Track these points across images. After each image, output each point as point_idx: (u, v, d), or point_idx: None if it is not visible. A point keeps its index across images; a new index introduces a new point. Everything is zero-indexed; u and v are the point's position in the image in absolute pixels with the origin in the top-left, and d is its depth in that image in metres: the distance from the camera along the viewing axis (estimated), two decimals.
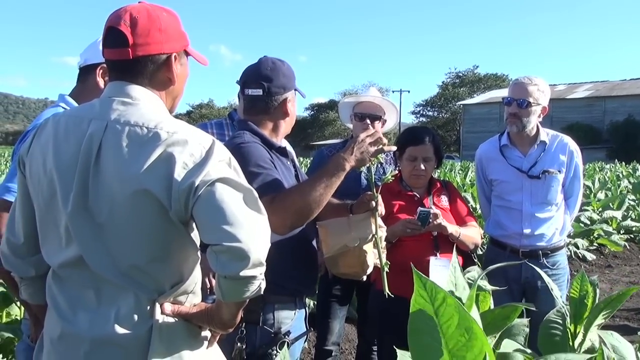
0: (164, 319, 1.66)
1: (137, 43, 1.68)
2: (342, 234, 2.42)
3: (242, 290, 1.57)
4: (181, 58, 1.80)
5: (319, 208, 2.23)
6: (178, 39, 1.77)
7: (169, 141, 1.57)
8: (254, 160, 2.28)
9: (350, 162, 2.28)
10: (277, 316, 2.36)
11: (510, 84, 3.72)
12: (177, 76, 1.77)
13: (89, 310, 1.66)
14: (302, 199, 2.19)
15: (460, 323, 1.43)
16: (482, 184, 3.92)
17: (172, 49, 1.74)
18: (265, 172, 2.26)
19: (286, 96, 2.48)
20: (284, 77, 2.48)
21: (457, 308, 1.44)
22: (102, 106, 1.69)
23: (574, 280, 2.29)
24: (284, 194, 2.19)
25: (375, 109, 3.83)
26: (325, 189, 2.22)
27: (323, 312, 3.93)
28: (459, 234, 3.19)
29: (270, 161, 2.35)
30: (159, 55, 1.72)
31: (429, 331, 1.46)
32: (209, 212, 1.54)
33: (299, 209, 2.18)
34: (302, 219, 2.23)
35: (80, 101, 2.41)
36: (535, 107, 3.54)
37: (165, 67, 1.74)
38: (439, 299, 1.45)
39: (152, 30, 1.69)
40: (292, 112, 2.54)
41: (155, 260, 1.65)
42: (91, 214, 1.61)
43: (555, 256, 3.67)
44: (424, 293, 1.47)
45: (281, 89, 2.46)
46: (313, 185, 2.22)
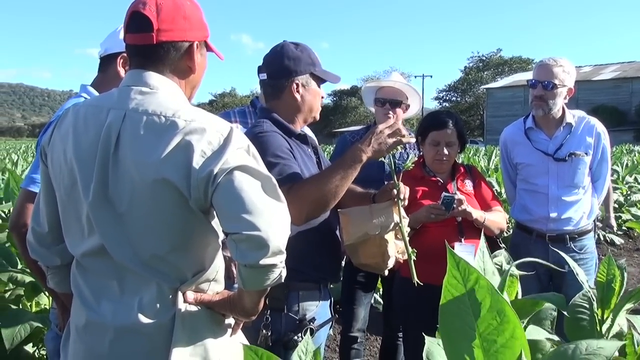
0: (186, 307, 1.67)
1: (162, 28, 1.67)
2: (363, 222, 2.38)
3: (263, 279, 1.56)
4: (202, 48, 1.79)
5: (335, 199, 2.22)
6: (200, 28, 1.76)
7: (187, 129, 1.56)
8: (272, 150, 2.26)
9: (367, 153, 2.26)
10: (301, 303, 2.36)
11: (535, 66, 3.66)
12: (197, 65, 1.77)
13: (112, 299, 1.67)
14: (318, 190, 2.18)
15: (493, 305, 1.40)
16: (507, 167, 3.88)
17: (194, 38, 1.73)
18: (283, 162, 2.25)
19: (292, 80, 2.42)
20: (289, 60, 2.41)
21: (489, 290, 1.41)
22: (121, 95, 1.68)
23: (600, 264, 2.25)
24: (300, 185, 2.18)
25: (397, 94, 3.79)
26: (342, 180, 2.20)
27: (348, 299, 3.92)
28: (484, 219, 3.14)
29: (289, 150, 2.33)
30: (182, 42, 1.71)
31: (461, 314, 1.43)
32: (228, 201, 1.53)
33: (315, 200, 2.18)
34: (318, 210, 2.23)
35: (102, 91, 2.41)
36: (561, 88, 3.49)
37: (187, 55, 1.73)
38: (471, 280, 1.42)
39: (176, 17, 1.69)
40: (305, 98, 2.46)
41: (176, 249, 1.64)
42: (112, 203, 1.62)
43: (582, 240, 3.61)
44: (457, 273, 1.44)
45: (285, 72, 2.42)
46: (329, 177, 2.21)
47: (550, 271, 3.60)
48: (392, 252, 2.40)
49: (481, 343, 1.44)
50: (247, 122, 3.45)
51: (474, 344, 1.44)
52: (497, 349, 1.43)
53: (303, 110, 2.49)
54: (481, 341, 1.44)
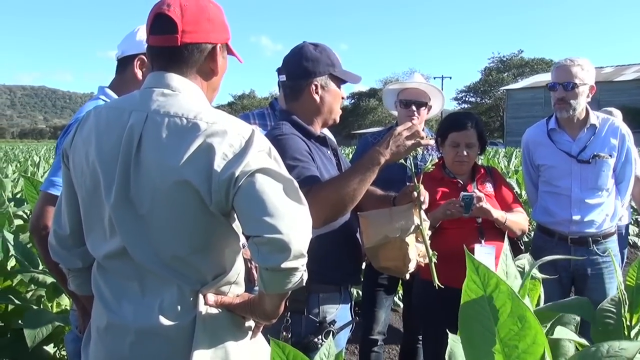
0: (207, 309, 1.66)
1: (186, 30, 1.67)
2: (383, 225, 2.37)
3: (284, 282, 1.55)
4: (224, 51, 1.79)
5: (353, 202, 2.22)
6: (222, 30, 1.77)
7: (209, 132, 1.56)
8: (291, 152, 2.25)
9: (386, 155, 2.24)
10: (322, 306, 2.35)
11: (553, 68, 3.62)
12: (219, 68, 1.77)
13: (133, 301, 1.67)
14: (336, 193, 2.17)
15: (513, 310, 1.38)
16: (529, 169, 3.84)
17: (217, 40, 1.74)
18: (302, 165, 2.24)
19: (312, 81, 2.41)
20: (307, 61, 2.41)
21: (510, 295, 1.39)
22: (143, 97, 1.69)
23: (630, 268, 2.21)
24: (318, 188, 2.17)
25: (421, 95, 3.78)
26: (360, 184, 2.20)
27: (369, 302, 3.91)
28: (505, 219, 3.10)
29: (308, 153, 2.32)
30: (206, 44, 1.72)
31: (481, 319, 1.42)
32: (249, 204, 1.52)
33: (333, 203, 2.17)
34: (336, 213, 2.22)
35: (120, 93, 2.43)
36: (582, 87, 3.45)
37: (210, 57, 1.74)
38: (491, 285, 1.40)
39: (201, 18, 1.69)
40: (325, 99, 2.45)
41: (196, 251, 1.64)
42: (133, 205, 1.62)
43: (605, 243, 3.56)
44: (476, 278, 1.42)
45: (304, 73, 2.41)
46: (347, 180, 2.20)
47: (573, 275, 3.58)
48: (413, 255, 2.38)
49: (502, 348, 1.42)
50: (266, 125, 3.45)
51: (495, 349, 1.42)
52: (518, 355, 1.41)
53: (322, 111, 2.47)
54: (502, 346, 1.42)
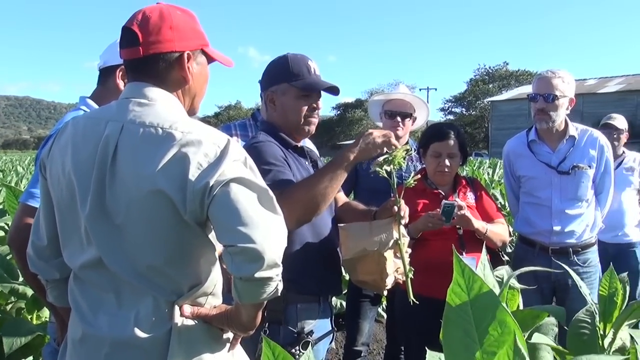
0: (183, 321, 1.65)
1: (148, 41, 1.67)
2: (362, 238, 2.37)
3: (259, 292, 1.55)
4: (197, 57, 1.78)
5: (326, 201, 2.22)
6: (193, 37, 1.75)
7: (183, 141, 1.56)
8: (265, 157, 2.27)
9: (354, 152, 2.26)
10: (300, 316, 2.34)
11: (534, 79, 3.67)
12: (192, 75, 1.76)
13: (109, 312, 1.66)
14: (307, 193, 2.18)
15: (494, 315, 1.39)
16: (510, 180, 3.87)
17: (185, 47, 1.72)
18: (276, 169, 2.26)
19: (271, 92, 2.46)
20: (268, 73, 2.49)
21: (492, 299, 1.40)
22: (119, 107, 1.69)
23: (603, 278, 2.23)
24: (291, 189, 2.18)
25: (406, 106, 3.81)
26: (331, 181, 2.20)
27: (353, 312, 3.91)
28: (486, 229, 3.12)
29: (284, 159, 2.33)
30: (170, 53, 1.70)
31: (462, 323, 1.42)
32: (224, 213, 1.52)
33: (305, 202, 2.17)
34: (309, 212, 2.21)
35: (101, 103, 2.42)
36: (562, 99, 3.49)
37: (178, 65, 1.73)
38: (475, 288, 1.41)
39: (163, 28, 1.68)
40: (286, 109, 2.45)
41: (171, 261, 1.63)
42: (109, 215, 1.61)
43: (586, 253, 3.60)
44: (462, 281, 1.43)
45: (267, 85, 2.48)
46: (318, 178, 2.22)
47: (554, 285, 3.60)
48: (391, 270, 2.37)
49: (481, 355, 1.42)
50: (247, 135, 3.45)
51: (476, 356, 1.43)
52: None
53: (287, 120, 2.47)
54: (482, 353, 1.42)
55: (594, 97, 50.85)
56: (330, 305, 2.54)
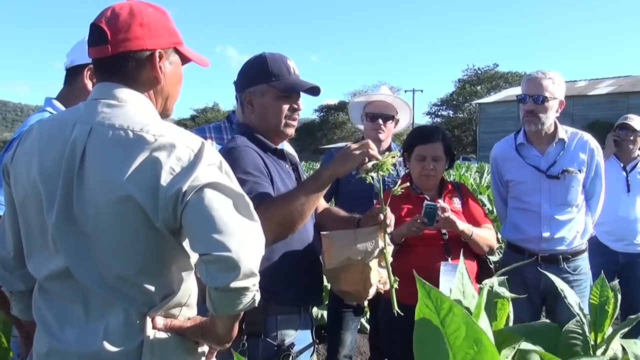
0: (155, 334, 1.64)
1: (117, 39, 1.66)
2: (346, 247, 2.35)
3: (235, 303, 1.54)
4: (170, 56, 1.77)
5: (303, 219, 2.21)
6: (164, 35, 1.74)
7: (155, 145, 1.55)
8: (243, 166, 2.25)
9: (331, 168, 2.24)
10: (280, 327, 2.33)
11: (523, 80, 3.69)
12: (164, 75, 1.74)
13: (76, 325, 1.64)
14: (283, 210, 2.16)
15: (469, 334, 1.40)
16: (498, 185, 3.89)
17: (156, 45, 1.71)
18: (253, 179, 2.23)
19: (248, 94, 2.44)
20: (244, 73, 2.48)
21: (464, 318, 1.40)
22: (87, 109, 1.67)
23: (593, 286, 2.25)
24: (266, 205, 2.15)
25: (387, 108, 3.82)
26: (308, 198, 2.19)
27: (335, 324, 3.90)
28: (472, 232, 3.12)
29: (264, 167, 2.32)
30: (140, 51, 1.69)
31: (436, 342, 1.43)
32: (197, 220, 1.51)
33: (281, 220, 2.16)
34: (284, 230, 2.20)
35: (68, 105, 2.39)
36: (552, 101, 3.51)
37: (149, 64, 1.71)
38: (444, 309, 1.42)
39: (133, 25, 1.67)
40: (263, 112, 2.44)
41: (143, 271, 1.62)
42: (76, 223, 1.59)
43: (576, 260, 3.62)
44: (429, 302, 1.43)
45: (243, 86, 2.47)
46: (294, 196, 2.20)
47: (544, 294, 3.61)
48: (375, 280, 2.37)
49: None
50: (222, 138, 3.44)
51: None
52: None
53: (266, 122, 2.46)
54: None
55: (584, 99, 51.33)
56: (311, 316, 2.53)
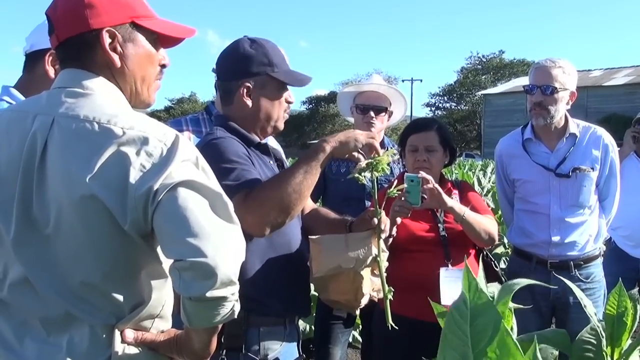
0: (124, 348, 1.64)
1: (60, 26, 1.66)
2: (337, 253, 2.35)
3: (211, 314, 1.54)
4: (128, 34, 1.71)
5: (301, 199, 2.20)
6: (116, 10, 1.68)
7: (124, 139, 1.54)
8: (227, 155, 2.25)
9: (331, 143, 2.25)
10: (263, 341, 2.33)
11: (531, 69, 3.70)
12: (122, 56, 1.70)
13: (37, 339, 1.63)
14: (279, 190, 2.15)
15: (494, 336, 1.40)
16: (503, 184, 3.89)
17: (102, 24, 1.66)
18: (240, 167, 2.23)
19: (242, 83, 2.41)
20: (238, 60, 2.43)
21: (494, 318, 1.40)
22: (50, 99, 1.66)
23: (610, 295, 2.25)
24: (259, 188, 2.16)
25: (380, 99, 3.81)
26: (305, 175, 2.18)
27: (322, 337, 3.89)
28: (464, 212, 3.05)
29: (247, 157, 2.32)
30: (87, 33, 1.66)
31: (460, 345, 1.43)
32: (170, 222, 1.50)
33: (278, 201, 2.14)
34: (282, 213, 2.17)
35: (28, 93, 2.38)
36: (562, 92, 3.51)
37: (99, 46, 1.67)
38: (478, 306, 1.42)
39: (76, 7, 1.65)
40: (260, 104, 2.44)
41: (109, 278, 1.61)
42: (36, 225, 1.58)
43: (589, 267, 3.62)
44: (468, 296, 1.43)
45: (235, 75, 2.43)
46: (290, 173, 2.20)
47: (553, 304, 3.61)
48: (367, 289, 2.37)
49: None
50: (201, 131, 3.44)
51: None
52: None
53: (258, 118, 2.46)
54: None
55: (599, 90, 51.36)
56: (297, 328, 2.54)
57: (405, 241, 3.07)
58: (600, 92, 51.30)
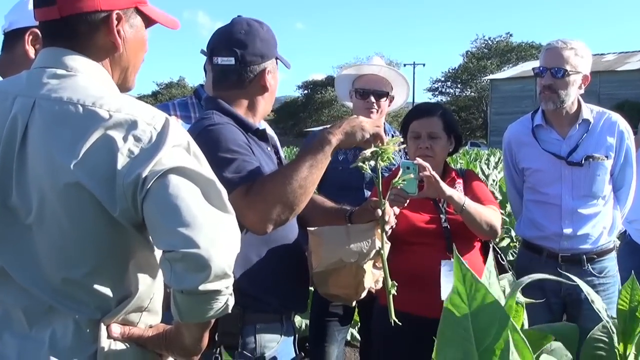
0: (110, 344, 1.63)
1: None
2: (338, 246, 2.34)
3: (204, 309, 1.54)
4: (130, 18, 1.75)
5: (306, 194, 2.20)
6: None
7: (110, 122, 1.54)
8: (226, 143, 2.24)
9: (337, 134, 2.25)
10: (259, 339, 2.33)
11: (542, 50, 3.69)
12: (124, 40, 1.73)
13: (17, 334, 1.64)
14: (283, 185, 2.14)
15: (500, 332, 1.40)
16: (512, 174, 3.89)
17: (113, 5, 1.69)
18: (241, 157, 2.22)
19: (265, 66, 2.44)
20: (261, 42, 2.44)
21: (497, 312, 1.40)
22: (30, 79, 1.66)
23: (622, 289, 2.25)
24: (261, 182, 2.16)
25: (381, 83, 3.80)
26: (311, 169, 2.18)
27: (318, 335, 3.89)
28: (463, 202, 3.02)
29: (247, 145, 2.32)
30: (94, 13, 1.66)
31: (461, 342, 1.42)
32: (160, 211, 1.50)
33: (282, 197, 2.13)
34: (286, 210, 2.16)
35: (6, 74, 2.37)
36: (574, 76, 3.50)
37: (105, 28, 1.69)
38: (477, 298, 1.41)
39: None
40: (272, 86, 2.50)
41: (95, 271, 1.61)
42: (15, 214, 1.59)
43: (602, 261, 3.62)
44: (462, 289, 1.42)
45: (258, 57, 2.42)
46: (295, 167, 2.19)
47: (564, 300, 3.62)
48: (369, 283, 2.38)
49: None
50: (189, 117, 3.44)
51: None
52: None
53: (269, 101, 2.53)
54: None
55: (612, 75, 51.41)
56: (294, 325, 2.54)
57: (405, 233, 3.05)
58: (614, 77, 51.34)
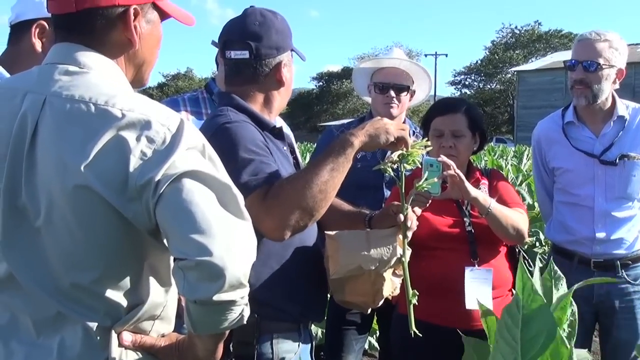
0: (121, 353, 1.65)
1: None
2: (357, 252, 2.33)
3: (218, 320, 1.55)
4: (147, 13, 1.76)
5: (327, 200, 2.18)
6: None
7: (123, 122, 1.55)
8: (244, 143, 2.23)
9: (360, 137, 2.24)
10: (276, 349, 2.34)
11: (575, 42, 3.67)
12: (140, 36, 1.74)
13: (25, 341, 1.65)
14: (303, 190, 2.12)
15: (546, 344, 1.41)
16: (542, 174, 3.88)
17: (129, 0, 1.70)
18: (259, 158, 2.22)
19: (280, 59, 2.45)
20: (277, 33, 2.43)
21: (548, 323, 1.41)
22: (41, 75, 1.67)
23: None
24: (280, 185, 2.14)
25: (401, 76, 3.79)
26: (332, 173, 2.16)
27: (334, 344, 3.90)
28: (489, 204, 2.98)
29: (265, 145, 2.31)
30: (111, 7, 1.68)
31: (509, 352, 1.44)
32: (173, 217, 1.51)
33: (301, 202, 2.11)
34: (305, 216, 2.15)
35: (13, 69, 2.41)
36: (608, 70, 3.48)
37: (122, 24, 1.71)
38: (532, 308, 1.43)
39: None
40: (288, 80, 2.50)
41: (105, 277, 1.62)
42: (24, 216, 1.60)
43: (637, 267, 3.60)
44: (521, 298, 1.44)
45: (274, 49, 2.43)
46: (315, 171, 2.17)
47: (596, 309, 3.59)
48: (388, 291, 2.37)
49: None
50: (200, 112, 3.43)
51: None
52: None
53: (285, 96, 2.53)
54: None
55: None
56: (311, 334, 2.55)
57: (426, 237, 3.01)
58: None
